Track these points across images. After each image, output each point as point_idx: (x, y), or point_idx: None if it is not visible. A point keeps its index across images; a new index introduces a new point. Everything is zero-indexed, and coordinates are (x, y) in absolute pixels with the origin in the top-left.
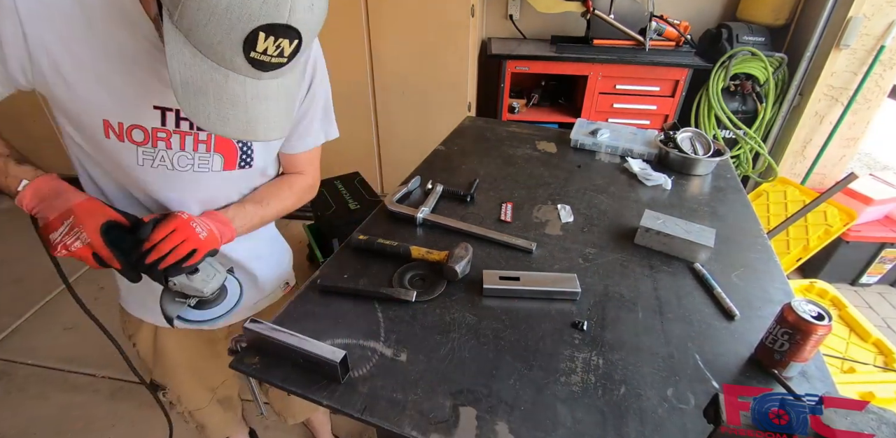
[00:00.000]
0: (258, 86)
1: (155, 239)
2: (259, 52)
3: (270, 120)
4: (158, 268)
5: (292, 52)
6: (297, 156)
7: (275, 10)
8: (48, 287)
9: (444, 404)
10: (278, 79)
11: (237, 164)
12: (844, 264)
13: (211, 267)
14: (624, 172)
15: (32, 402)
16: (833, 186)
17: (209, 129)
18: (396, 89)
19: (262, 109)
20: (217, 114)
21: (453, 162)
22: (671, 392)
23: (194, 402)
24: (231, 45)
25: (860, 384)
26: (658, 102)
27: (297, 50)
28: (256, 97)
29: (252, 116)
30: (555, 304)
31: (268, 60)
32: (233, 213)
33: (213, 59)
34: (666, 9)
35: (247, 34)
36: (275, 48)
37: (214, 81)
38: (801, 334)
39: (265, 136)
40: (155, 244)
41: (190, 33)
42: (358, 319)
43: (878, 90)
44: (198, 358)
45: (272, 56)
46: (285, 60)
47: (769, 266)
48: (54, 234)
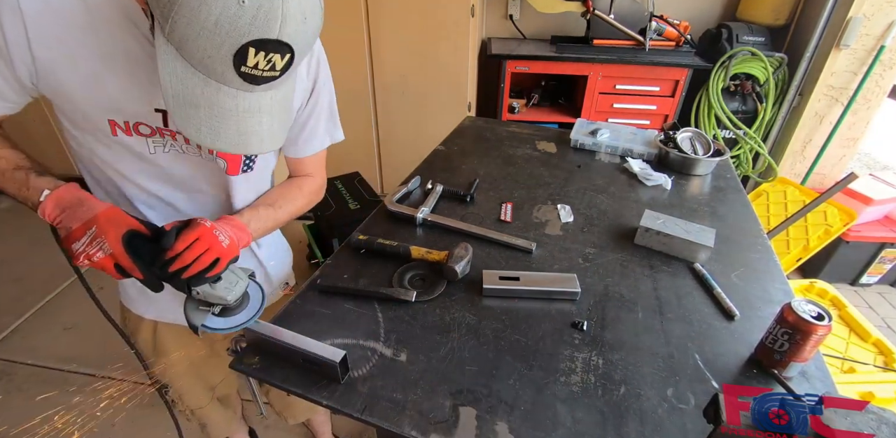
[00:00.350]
0: (250, 99)
1: (178, 249)
2: (250, 66)
3: (263, 132)
4: (182, 278)
5: (285, 65)
6: (304, 159)
7: (265, 25)
8: (48, 287)
9: (444, 404)
10: (271, 91)
11: (240, 169)
12: (844, 264)
13: (234, 274)
14: (624, 172)
15: (32, 402)
16: (833, 186)
17: (200, 142)
18: (396, 89)
19: (254, 122)
20: (208, 128)
21: (453, 162)
22: (671, 392)
23: (195, 401)
24: (221, 59)
25: (860, 384)
26: (658, 102)
27: (290, 63)
28: (249, 110)
29: (244, 129)
30: (555, 304)
31: (259, 75)
32: (248, 217)
33: (205, 73)
34: (666, 9)
35: (236, 49)
36: (266, 63)
37: (206, 95)
38: (801, 334)
39: (258, 149)
40: (179, 253)
41: (181, 47)
42: (358, 319)
43: (878, 90)
44: (197, 356)
45: (264, 70)
46: (278, 74)
47: (769, 266)
48: (77, 244)
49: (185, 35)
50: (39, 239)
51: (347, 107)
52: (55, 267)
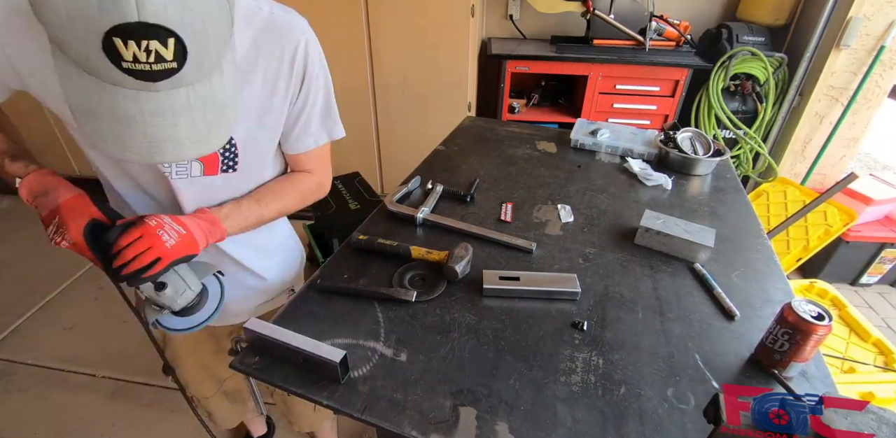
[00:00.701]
0: (157, 99)
1: (121, 245)
2: (129, 60)
3: (181, 136)
4: (121, 275)
5: (175, 52)
6: (300, 155)
7: (114, 8)
8: (48, 287)
9: (444, 404)
10: (184, 88)
11: (219, 169)
12: (844, 264)
13: (182, 280)
14: (624, 172)
15: (32, 402)
16: (833, 186)
17: (110, 154)
18: (396, 89)
19: (166, 127)
20: (114, 137)
21: (453, 162)
22: (671, 392)
23: (201, 391)
24: (95, 57)
25: (860, 384)
26: (658, 102)
27: (183, 48)
28: (157, 113)
29: (154, 136)
30: (555, 304)
31: (148, 69)
32: (227, 211)
33: (96, 76)
34: (666, 9)
35: (101, 43)
36: (145, 54)
37: (103, 101)
38: (801, 334)
39: (175, 157)
40: (120, 249)
41: (62, 50)
42: (358, 319)
43: (878, 90)
44: (203, 350)
45: (150, 63)
46: (175, 65)
47: (769, 266)
48: (48, 230)
49: (54, 35)
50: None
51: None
52: (55, 267)
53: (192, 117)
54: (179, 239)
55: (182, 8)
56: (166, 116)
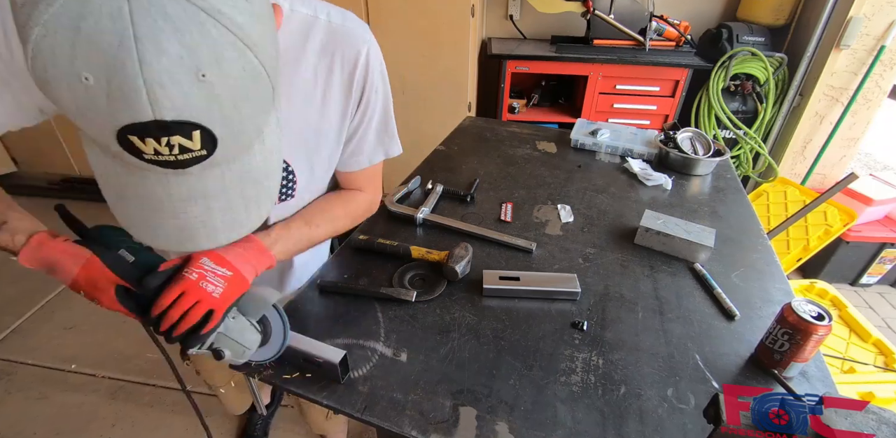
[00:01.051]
0: (187, 183)
1: (163, 306)
2: (150, 154)
3: (216, 220)
4: (173, 336)
5: (204, 141)
6: (352, 174)
7: (125, 106)
8: (48, 287)
9: (444, 404)
10: (217, 168)
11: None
12: (844, 264)
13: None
14: (624, 172)
15: (32, 402)
16: (833, 186)
17: (143, 241)
18: (396, 89)
19: (198, 211)
20: (143, 222)
21: (453, 162)
22: (671, 392)
23: (213, 379)
24: (116, 148)
25: (860, 384)
26: (658, 102)
27: (213, 137)
28: (188, 198)
29: (185, 222)
30: (555, 304)
31: (173, 159)
32: (275, 237)
33: (121, 160)
34: (666, 9)
35: (116, 140)
36: (167, 148)
37: (131, 184)
38: (801, 334)
39: (208, 244)
40: (164, 311)
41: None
42: (358, 319)
43: (878, 90)
44: None
45: (175, 155)
46: (204, 152)
47: (769, 266)
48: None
49: (74, 122)
50: None
51: None
52: None
53: (229, 198)
54: (227, 285)
55: (207, 96)
56: (196, 200)
